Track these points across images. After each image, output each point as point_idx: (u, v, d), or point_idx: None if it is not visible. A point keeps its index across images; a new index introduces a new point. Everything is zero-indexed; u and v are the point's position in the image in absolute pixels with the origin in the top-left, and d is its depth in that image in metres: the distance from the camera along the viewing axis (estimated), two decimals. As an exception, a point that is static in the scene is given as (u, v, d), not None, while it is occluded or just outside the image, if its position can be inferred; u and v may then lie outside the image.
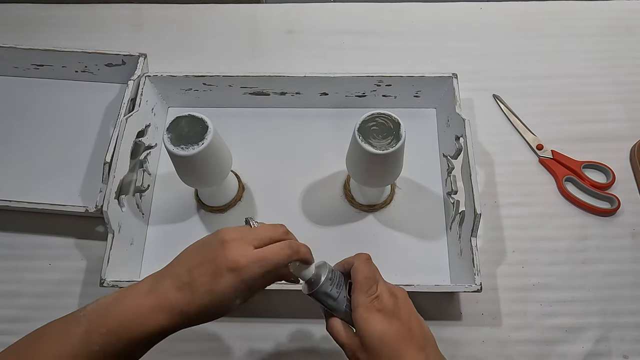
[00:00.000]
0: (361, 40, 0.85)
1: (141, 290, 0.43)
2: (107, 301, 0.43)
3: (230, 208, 0.71)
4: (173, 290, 0.43)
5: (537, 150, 0.74)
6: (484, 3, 0.88)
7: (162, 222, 0.70)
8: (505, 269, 0.67)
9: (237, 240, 0.43)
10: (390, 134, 0.58)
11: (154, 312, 0.42)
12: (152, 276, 0.45)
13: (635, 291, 0.65)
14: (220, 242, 0.43)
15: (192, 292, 0.42)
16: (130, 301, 0.43)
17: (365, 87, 0.74)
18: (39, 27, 0.87)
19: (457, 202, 0.66)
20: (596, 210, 0.69)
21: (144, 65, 0.74)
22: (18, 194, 0.67)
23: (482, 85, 0.79)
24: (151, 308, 0.42)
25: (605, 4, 0.87)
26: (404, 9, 0.88)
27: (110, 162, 0.64)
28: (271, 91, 0.75)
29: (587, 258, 0.67)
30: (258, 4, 0.89)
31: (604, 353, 0.62)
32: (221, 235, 0.44)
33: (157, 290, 0.43)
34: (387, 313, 0.44)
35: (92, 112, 0.78)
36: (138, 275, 0.66)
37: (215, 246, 0.44)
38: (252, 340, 0.64)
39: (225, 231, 0.44)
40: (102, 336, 0.41)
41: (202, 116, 0.59)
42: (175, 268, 0.45)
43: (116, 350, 0.42)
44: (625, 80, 0.79)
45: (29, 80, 0.81)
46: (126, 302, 0.43)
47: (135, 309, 0.42)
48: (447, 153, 0.70)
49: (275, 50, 0.84)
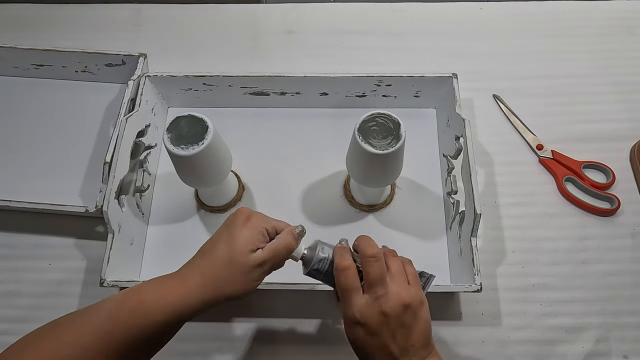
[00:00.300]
0: (361, 40, 0.85)
1: (164, 276, 0.47)
2: (124, 291, 0.46)
3: (230, 208, 0.71)
4: (193, 274, 0.46)
5: (537, 150, 0.74)
6: (484, 3, 0.88)
7: (162, 222, 0.70)
8: (505, 269, 0.67)
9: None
10: (390, 134, 0.58)
11: (172, 289, 0.45)
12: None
13: (635, 291, 0.65)
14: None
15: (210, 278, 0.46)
16: (152, 282, 0.46)
17: (365, 87, 0.74)
18: (39, 27, 0.87)
19: (457, 202, 0.66)
20: (596, 210, 0.69)
21: (144, 65, 0.74)
22: (18, 194, 0.67)
23: (482, 85, 0.79)
24: (171, 287, 0.45)
25: (605, 4, 0.87)
26: (404, 9, 0.88)
27: (110, 162, 0.64)
28: (271, 91, 0.75)
29: (587, 258, 0.67)
30: (258, 4, 0.89)
31: (604, 353, 0.62)
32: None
33: (179, 274, 0.47)
34: (369, 327, 0.45)
35: (92, 112, 0.78)
36: (138, 276, 0.66)
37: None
38: (252, 340, 0.64)
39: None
40: (125, 317, 0.43)
41: (202, 116, 0.59)
42: (196, 258, 0.49)
43: (137, 336, 0.43)
44: (625, 80, 0.79)
45: (29, 80, 0.81)
46: (148, 284, 0.47)
47: (156, 287, 0.46)
48: (447, 153, 0.70)
49: (275, 50, 0.84)
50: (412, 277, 0.48)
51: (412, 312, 0.45)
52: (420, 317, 0.46)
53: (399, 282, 0.46)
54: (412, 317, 0.45)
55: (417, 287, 0.47)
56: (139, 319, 0.43)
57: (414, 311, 0.45)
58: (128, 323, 0.43)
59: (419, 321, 0.46)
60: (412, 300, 0.45)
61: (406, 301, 0.45)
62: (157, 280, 0.47)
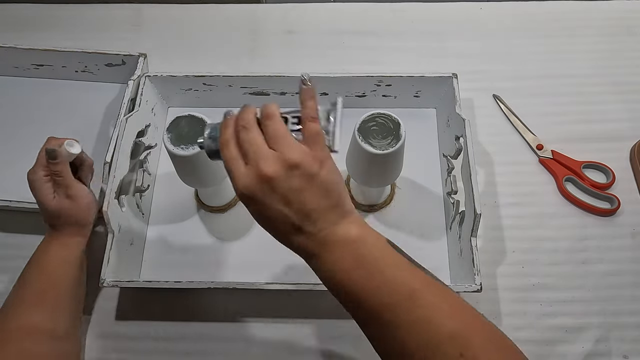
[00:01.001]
0: (361, 40, 0.85)
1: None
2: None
3: (230, 208, 0.71)
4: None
5: (537, 150, 0.74)
6: (484, 3, 0.88)
7: (162, 222, 0.70)
8: (505, 269, 0.67)
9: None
10: (390, 134, 0.58)
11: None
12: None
13: (635, 291, 0.65)
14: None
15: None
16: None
17: (365, 87, 0.74)
18: (39, 27, 0.87)
19: (457, 202, 0.66)
20: (596, 210, 0.69)
21: (144, 65, 0.74)
22: (18, 194, 0.67)
23: (482, 85, 0.79)
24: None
25: (605, 4, 0.87)
26: (404, 9, 0.88)
27: (110, 162, 0.64)
28: (271, 91, 0.75)
29: (587, 258, 0.67)
30: (258, 4, 0.89)
31: (604, 353, 0.62)
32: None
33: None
34: (257, 198, 0.41)
35: (92, 112, 0.78)
36: (138, 275, 0.66)
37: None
38: (251, 340, 0.64)
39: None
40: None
41: (202, 116, 0.59)
42: None
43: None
44: (625, 80, 0.79)
45: (29, 80, 0.81)
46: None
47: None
48: (447, 153, 0.70)
49: (275, 50, 0.84)
50: (310, 136, 0.42)
51: (303, 173, 0.40)
52: (320, 178, 0.41)
53: (283, 143, 0.41)
54: (306, 178, 0.40)
55: (314, 146, 0.42)
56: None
57: (306, 172, 0.40)
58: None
59: (317, 182, 0.41)
60: (300, 160, 0.40)
61: (291, 161, 0.40)
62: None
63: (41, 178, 0.58)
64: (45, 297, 0.57)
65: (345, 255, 0.41)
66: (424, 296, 0.39)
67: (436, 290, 0.40)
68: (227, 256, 0.67)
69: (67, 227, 0.60)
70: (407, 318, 0.38)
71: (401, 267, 0.41)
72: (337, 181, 0.42)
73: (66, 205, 0.59)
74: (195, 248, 0.68)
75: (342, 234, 0.41)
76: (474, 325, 0.39)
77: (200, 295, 0.65)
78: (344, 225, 0.42)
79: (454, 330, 0.38)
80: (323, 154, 0.42)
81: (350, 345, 0.63)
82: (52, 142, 0.59)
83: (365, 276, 0.40)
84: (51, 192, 0.58)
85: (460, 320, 0.39)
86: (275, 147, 0.41)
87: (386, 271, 0.40)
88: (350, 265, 0.41)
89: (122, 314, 0.65)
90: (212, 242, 0.69)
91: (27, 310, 0.56)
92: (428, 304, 0.39)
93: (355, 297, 0.40)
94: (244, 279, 0.61)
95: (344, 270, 0.41)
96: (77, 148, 0.59)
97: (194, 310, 0.65)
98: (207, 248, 0.68)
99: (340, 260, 0.41)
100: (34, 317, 0.56)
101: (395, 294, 0.39)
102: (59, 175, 0.58)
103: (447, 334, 0.37)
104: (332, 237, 0.41)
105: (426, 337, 0.38)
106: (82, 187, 0.60)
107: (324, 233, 0.41)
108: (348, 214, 0.42)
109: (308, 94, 0.45)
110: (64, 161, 0.58)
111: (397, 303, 0.39)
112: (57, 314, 0.57)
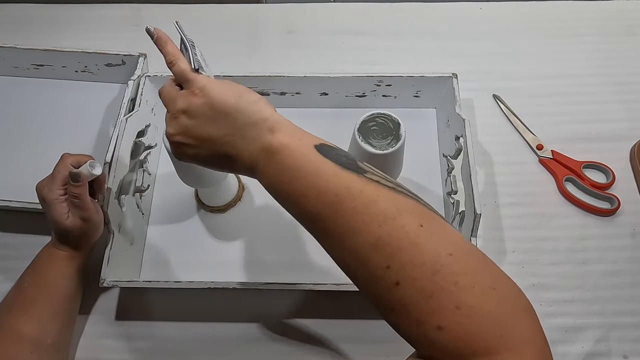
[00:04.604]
0: (361, 40, 0.85)
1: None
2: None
3: (230, 208, 0.71)
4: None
5: (537, 150, 0.74)
6: (484, 3, 0.88)
7: (162, 222, 0.70)
8: (505, 269, 0.65)
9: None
10: (390, 134, 0.58)
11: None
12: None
13: (635, 291, 0.65)
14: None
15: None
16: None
17: (365, 87, 0.74)
18: (39, 27, 0.87)
19: (457, 202, 0.66)
20: (596, 210, 0.69)
21: (144, 65, 0.74)
22: (18, 194, 0.67)
23: (482, 85, 0.79)
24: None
25: (605, 4, 0.87)
26: (404, 9, 0.88)
27: (110, 162, 0.64)
28: (271, 91, 0.75)
29: (587, 258, 0.67)
30: (258, 4, 0.89)
31: (604, 353, 0.62)
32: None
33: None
34: (186, 141, 0.43)
35: (92, 112, 0.78)
36: (138, 275, 0.66)
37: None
38: (252, 340, 0.64)
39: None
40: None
41: (202, 116, 0.59)
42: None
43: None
44: (625, 80, 0.79)
45: (29, 80, 0.81)
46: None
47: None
48: (447, 153, 0.70)
49: (275, 50, 0.84)
50: (178, 78, 0.45)
51: (190, 111, 0.42)
52: (208, 105, 0.42)
53: (168, 103, 0.44)
54: (196, 114, 0.42)
55: (186, 83, 0.44)
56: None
57: (192, 109, 0.42)
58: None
59: (209, 109, 0.42)
60: (182, 104, 0.42)
61: (175, 111, 0.43)
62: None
63: (58, 198, 0.57)
64: (36, 306, 0.57)
65: (268, 168, 0.40)
66: (348, 204, 0.36)
67: (365, 199, 0.36)
68: (227, 256, 0.67)
69: (73, 243, 0.59)
70: (334, 227, 0.37)
71: (323, 174, 0.38)
72: (230, 100, 0.42)
73: (79, 225, 0.58)
74: (195, 248, 0.68)
75: (264, 147, 0.41)
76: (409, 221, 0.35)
77: (200, 295, 0.65)
78: (265, 138, 0.41)
79: (379, 237, 0.35)
80: (198, 84, 0.43)
81: (352, 345, 0.63)
82: (68, 160, 0.58)
83: (289, 186, 0.39)
84: (66, 211, 0.57)
85: (392, 227, 0.35)
86: (167, 110, 0.44)
87: (307, 179, 0.38)
88: (277, 177, 0.40)
89: (122, 314, 0.65)
90: (212, 242, 0.69)
91: (16, 316, 0.56)
92: (353, 212, 0.36)
93: (289, 208, 0.41)
94: (244, 279, 0.61)
95: (275, 183, 0.40)
96: (98, 169, 0.58)
97: (194, 310, 0.65)
98: (207, 248, 0.68)
99: (266, 173, 0.41)
100: (21, 324, 0.55)
101: (319, 204, 0.37)
102: (77, 197, 0.57)
103: (372, 243, 0.35)
104: (256, 152, 0.41)
105: (353, 246, 0.36)
106: (96, 207, 0.59)
107: (248, 151, 0.41)
108: (272, 124, 0.41)
109: (160, 42, 0.48)
110: (85, 184, 0.57)
111: (322, 211, 0.37)
112: (46, 324, 0.57)
